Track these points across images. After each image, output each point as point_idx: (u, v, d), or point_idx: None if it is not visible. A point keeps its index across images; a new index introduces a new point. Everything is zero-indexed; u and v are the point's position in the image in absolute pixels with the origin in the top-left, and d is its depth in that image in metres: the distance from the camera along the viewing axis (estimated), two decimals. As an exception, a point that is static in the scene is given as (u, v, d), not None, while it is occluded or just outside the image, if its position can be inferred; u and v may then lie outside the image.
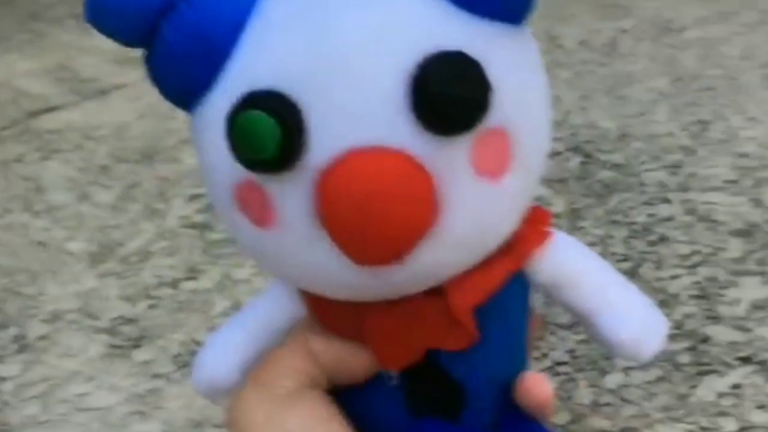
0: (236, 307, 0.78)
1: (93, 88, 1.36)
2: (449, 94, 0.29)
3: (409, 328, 0.35)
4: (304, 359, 0.37)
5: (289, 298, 0.39)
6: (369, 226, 0.29)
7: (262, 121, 0.29)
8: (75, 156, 1.13)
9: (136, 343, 0.75)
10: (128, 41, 0.32)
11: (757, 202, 0.84)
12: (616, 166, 0.94)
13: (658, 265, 0.77)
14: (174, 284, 0.83)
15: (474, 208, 0.32)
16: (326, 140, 0.30)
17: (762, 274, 0.74)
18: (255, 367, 0.38)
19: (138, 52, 0.33)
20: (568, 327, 0.71)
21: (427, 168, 0.30)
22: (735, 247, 0.78)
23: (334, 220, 0.30)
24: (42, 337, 0.78)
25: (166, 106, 0.34)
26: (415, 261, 0.31)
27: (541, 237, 0.37)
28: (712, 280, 0.74)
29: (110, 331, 0.77)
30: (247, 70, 0.31)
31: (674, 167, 0.92)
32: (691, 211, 0.84)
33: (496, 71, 0.30)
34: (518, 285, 0.38)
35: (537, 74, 0.34)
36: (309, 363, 0.37)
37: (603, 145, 0.99)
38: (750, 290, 0.72)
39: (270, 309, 0.40)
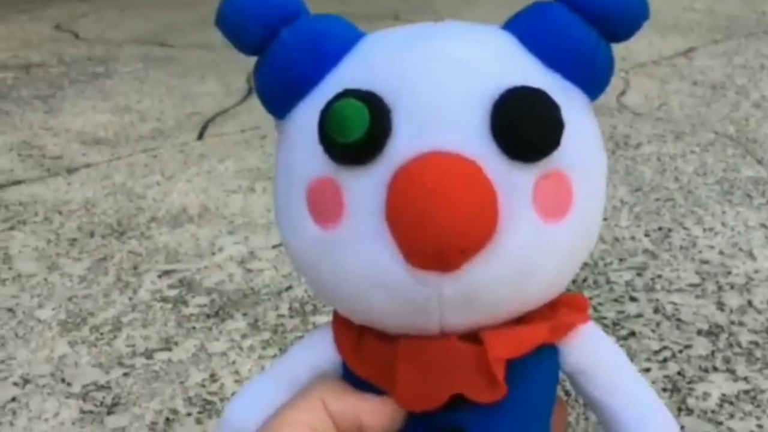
0: (213, 379, 0.78)
1: (60, 165, 1.36)
2: (527, 121, 0.32)
3: (440, 370, 0.35)
4: (320, 418, 0.36)
5: (325, 345, 0.39)
6: (432, 220, 0.30)
7: (354, 105, 0.32)
8: (43, 228, 1.13)
9: (110, 409, 0.74)
10: (249, 45, 0.35)
11: (720, 306, 0.87)
12: (584, 265, 0.97)
13: (630, 358, 0.79)
14: (148, 354, 0.82)
15: (527, 240, 0.33)
16: (408, 140, 0.32)
17: (729, 371, 0.77)
18: (266, 425, 0.37)
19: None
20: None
21: (494, 185, 0.32)
22: (701, 345, 0.81)
23: (400, 210, 0.31)
24: (12, 400, 0.76)
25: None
26: (465, 276, 0.32)
27: (581, 318, 0.38)
28: (682, 374, 0.77)
29: (83, 397, 0.76)
30: (346, 75, 0.34)
31: (640, 269, 0.96)
32: (657, 310, 0.87)
33: (566, 118, 0.33)
34: (550, 360, 0.38)
35: (598, 140, 0.37)
36: (324, 422, 0.36)
37: (570, 245, 1.02)
38: (718, 386, 0.75)
39: (305, 358, 0.40)
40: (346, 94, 0.33)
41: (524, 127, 0.32)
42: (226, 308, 0.90)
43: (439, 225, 0.31)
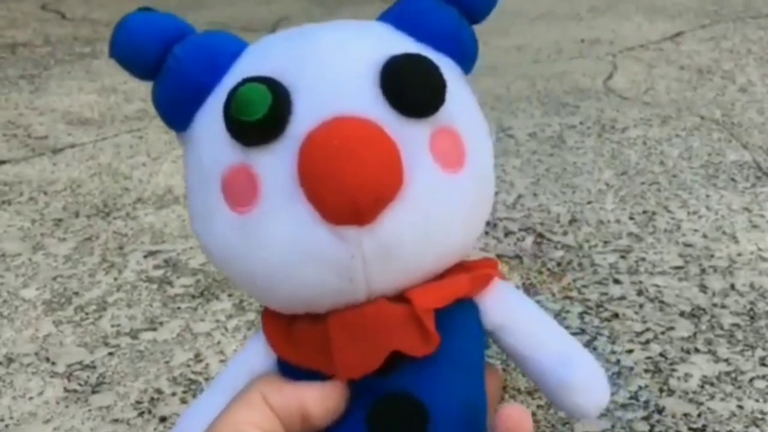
0: (198, 359, 0.78)
1: (45, 145, 1.35)
2: (414, 80, 0.36)
3: (373, 331, 0.36)
4: (262, 413, 0.36)
5: (258, 347, 0.40)
6: (343, 174, 0.33)
7: (255, 87, 0.35)
8: (28, 208, 1.12)
9: (95, 388, 0.74)
10: (146, 66, 0.37)
11: (703, 288, 0.88)
12: (568, 247, 0.97)
13: (613, 340, 0.80)
14: (133, 334, 0.82)
15: (433, 188, 0.36)
16: (309, 112, 0.35)
17: (710, 353, 0.77)
18: (211, 424, 0.37)
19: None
20: (528, 392, 0.73)
21: (394, 139, 0.35)
22: (684, 327, 0.81)
23: (312, 171, 0.34)
24: (-4, 379, 0.76)
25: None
26: (381, 228, 0.35)
27: (495, 272, 0.41)
28: (664, 356, 0.77)
29: (67, 376, 0.76)
30: (243, 69, 0.37)
31: (624, 252, 0.96)
32: (641, 292, 0.88)
33: (447, 79, 0.37)
34: (473, 314, 0.40)
35: (476, 102, 0.41)
36: (267, 417, 0.36)
37: (555, 228, 1.02)
38: (700, 367, 0.76)
39: (242, 364, 0.41)
40: (247, 81, 0.35)
41: (412, 85, 0.36)
42: (211, 289, 0.90)
43: (351, 178, 0.33)
